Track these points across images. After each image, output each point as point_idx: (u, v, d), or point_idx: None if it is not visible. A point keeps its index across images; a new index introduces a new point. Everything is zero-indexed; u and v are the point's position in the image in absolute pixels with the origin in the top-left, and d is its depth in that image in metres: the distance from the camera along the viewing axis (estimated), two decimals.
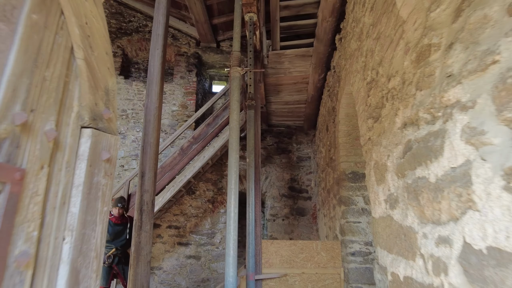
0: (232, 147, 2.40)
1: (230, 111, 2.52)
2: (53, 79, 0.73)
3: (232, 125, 2.43)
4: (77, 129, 0.82)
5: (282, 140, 8.16)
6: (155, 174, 4.45)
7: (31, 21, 0.65)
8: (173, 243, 7.21)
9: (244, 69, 2.75)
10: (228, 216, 2.22)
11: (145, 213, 4.22)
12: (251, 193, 3.28)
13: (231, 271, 2.11)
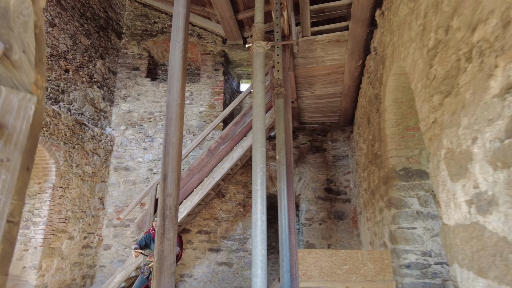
0: (256, 138, 1.94)
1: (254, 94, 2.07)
2: None
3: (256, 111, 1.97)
4: None
5: (316, 138, 7.59)
6: (179, 177, 4.09)
7: None
8: (204, 249, 6.87)
9: (269, 43, 2.29)
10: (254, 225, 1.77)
11: (168, 218, 3.86)
12: (283, 195, 2.80)
13: None
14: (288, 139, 3.18)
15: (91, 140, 6.78)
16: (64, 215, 5.97)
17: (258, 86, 2.02)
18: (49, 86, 6.01)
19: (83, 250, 6.43)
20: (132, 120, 7.85)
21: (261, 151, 1.90)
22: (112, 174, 7.42)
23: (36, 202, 5.74)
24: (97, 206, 6.93)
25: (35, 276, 5.34)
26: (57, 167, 5.81)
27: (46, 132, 5.53)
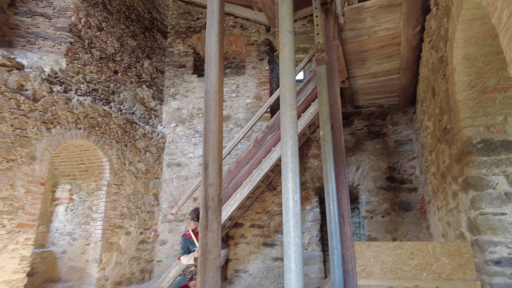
0: (285, 100, 1.58)
1: (280, 47, 1.70)
2: None
3: (284, 67, 1.61)
4: None
5: (373, 122, 6.91)
6: (220, 166, 3.86)
7: None
8: (258, 244, 6.63)
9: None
10: (285, 207, 1.41)
11: (211, 210, 3.65)
12: (329, 177, 2.39)
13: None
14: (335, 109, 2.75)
15: (142, 138, 6.93)
16: (120, 212, 6.14)
17: (286, 36, 1.65)
18: (100, 88, 6.23)
19: (140, 245, 6.58)
20: (182, 117, 7.90)
21: (291, 116, 1.55)
22: (165, 171, 7.53)
23: (94, 199, 5.98)
24: (151, 202, 7.07)
25: (96, 269, 5.54)
26: (110, 165, 5.99)
27: (98, 131, 5.72)
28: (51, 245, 6.10)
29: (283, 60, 1.65)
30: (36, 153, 4.62)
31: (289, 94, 1.55)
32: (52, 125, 4.88)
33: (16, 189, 4.35)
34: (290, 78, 1.60)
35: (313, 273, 6.08)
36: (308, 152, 6.83)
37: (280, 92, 1.66)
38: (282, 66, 1.66)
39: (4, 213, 4.19)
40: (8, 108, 4.30)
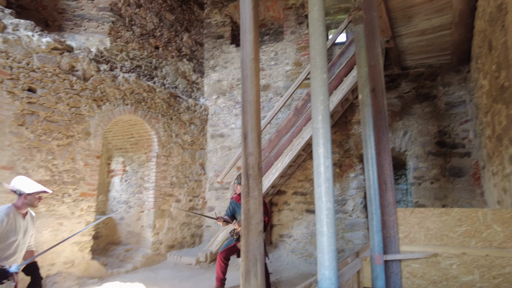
0: (315, 63, 1.52)
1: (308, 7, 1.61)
2: None
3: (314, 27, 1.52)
4: None
5: (422, 84, 6.47)
6: (259, 135, 3.90)
7: None
8: (301, 210, 6.73)
9: None
10: (316, 172, 1.41)
11: (251, 177, 3.75)
12: (369, 142, 2.32)
13: (326, 260, 1.32)
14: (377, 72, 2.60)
15: (186, 111, 7.16)
16: (169, 181, 6.53)
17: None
18: (143, 64, 6.46)
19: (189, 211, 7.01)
20: (222, 89, 8.00)
21: (321, 79, 1.49)
22: (209, 142, 7.79)
23: (145, 170, 6.40)
24: (198, 172, 7.41)
25: (151, 233, 6.04)
26: (158, 137, 6.31)
27: (144, 106, 6.00)
28: (110, 212, 6.72)
29: (312, 21, 1.57)
30: (90, 129, 4.99)
31: (319, 56, 1.48)
32: (102, 102, 5.21)
33: (76, 162, 4.78)
34: (319, 40, 1.53)
35: (358, 239, 6.09)
36: (352, 118, 6.62)
37: (310, 55, 1.60)
38: (312, 27, 1.58)
39: (69, 183, 4.66)
40: (63, 89, 4.65)
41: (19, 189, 2.98)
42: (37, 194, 3.05)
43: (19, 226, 2.98)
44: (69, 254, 4.58)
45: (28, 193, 2.98)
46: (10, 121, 4.05)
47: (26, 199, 2.99)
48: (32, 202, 3.04)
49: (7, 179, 3.98)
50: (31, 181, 3.15)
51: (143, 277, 5.08)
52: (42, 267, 4.24)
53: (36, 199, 3.06)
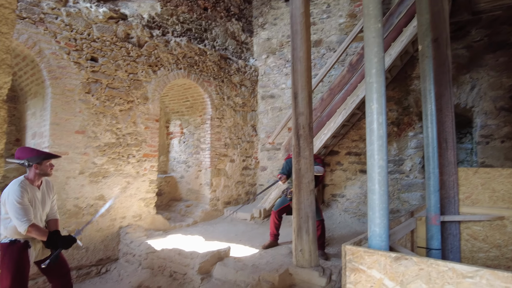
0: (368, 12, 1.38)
1: None
2: None
3: None
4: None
5: (497, 30, 5.67)
6: (310, 94, 3.81)
7: None
8: (355, 171, 6.62)
9: None
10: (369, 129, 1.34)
11: (302, 137, 3.74)
12: (428, 97, 2.13)
13: (376, 218, 1.30)
14: (440, 19, 2.33)
15: (237, 72, 7.17)
16: (223, 142, 6.77)
17: None
18: (193, 27, 6.50)
19: (243, 171, 7.27)
20: (272, 47, 7.81)
21: (375, 29, 1.37)
22: (260, 103, 7.80)
23: (201, 132, 6.68)
24: (250, 133, 7.54)
25: (209, 191, 6.42)
26: (211, 100, 6.47)
27: (196, 69, 6.13)
28: (171, 172, 7.23)
29: None
30: (148, 94, 5.27)
31: (372, 4, 1.35)
32: (157, 67, 5.42)
33: (138, 126, 5.14)
34: None
35: (414, 200, 5.88)
36: (412, 72, 6.11)
37: (363, 3, 1.47)
38: None
39: (132, 145, 5.06)
40: (121, 56, 4.90)
41: (27, 161, 2.76)
42: (47, 162, 2.85)
43: (36, 198, 2.83)
44: (137, 209, 5.08)
45: (38, 162, 2.78)
46: (78, 89, 4.42)
47: (38, 169, 2.79)
48: (45, 171, 2.84)
49: (80, 142, 4.44)
50: (36, 149, 2.98)
51: (202, 230, 5.50)
52: (115, 220, 4.79)
53: (47, 167, 2.86)
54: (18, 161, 2.78)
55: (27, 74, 4.46)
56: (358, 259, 1.31)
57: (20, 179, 2.76)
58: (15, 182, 2.73)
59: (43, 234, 2.68)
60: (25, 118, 4.87)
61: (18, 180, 2.75)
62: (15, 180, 2.75)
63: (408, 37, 5.14)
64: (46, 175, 2.86)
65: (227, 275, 3.74)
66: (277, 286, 3.24)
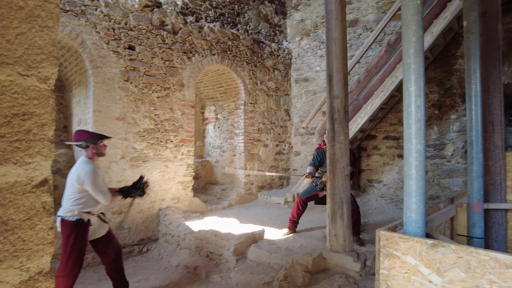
0: None
1: None
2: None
3: None
4: None
5: None
6: (345, 76, 3.70)
7: None
8: (393, 155, 6.40)
9: None
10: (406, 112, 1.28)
11: (337, 122, 3.66)
12: (473, 77, 1.99)
13: (412, 203, 1.26)
14: None
15: (270, 56, 7.11)
16: (257, 127, 6.80)
17: None
18: (226, 12, 6.49)
19: (276, 156, 7.29)
20: (306, 29, 7.62)
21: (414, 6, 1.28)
22: (293, 87, 7.71)
23: (235, 117, 6.75)
24: (283, 118, 7.50)
25: (243, 175, 6.53)
26: (244, 85, 6.49)
27: (230, 55, 6.15)
28: (207, 156, 7.41)
29: None
30: (184, 80, 5.38)
31: None
32: (191, 54, 5.50)
33: (175, 112, 5.29)
34: None
35: (456, 186, 5.60)
36: (456, 51, 5.72)
37: None
38: None
39: (170, 131, 5.23)
40: (157, 44, 5.02)
41: (84, 142, 2.98)
42: (101, 142, 3.07)
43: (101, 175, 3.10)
44: (175, 192, 5.29)
45: (94, 142, 3.00)
46: (118, 77, 4.62)
47: (94, 149, 3.01)
48: (100, 151, 3.07)
49: (121, 128, 4.66)
50: (90, 131, 3.25)
51: (237, 213, 5.63)
52: (154, 202, 5.03)
53: (102, 147, 3.08)
54: (77, 143, 3.01)
55: (72, 64, 4.72)
56: (392, 245, 1.29)
57: (85, 159, 2.98)
58: (86, 162, 2.95)
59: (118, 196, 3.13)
60: (71, 106, 5.18)
61: (85, 160, 2.97)
62: (82, 160, 2.97)
63: (453, 13, 4.80)
64: (101, 154, 3.08)
65: (261, 257, 3.83)
66: (310, 269, 3.27)
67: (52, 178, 0.90)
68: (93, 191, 2.88)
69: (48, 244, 0.88)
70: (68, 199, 2.92)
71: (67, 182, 2.96)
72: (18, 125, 0.82)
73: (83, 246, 2.92)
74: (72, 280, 2.86)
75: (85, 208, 2.93)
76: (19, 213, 0.82)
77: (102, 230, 3.13)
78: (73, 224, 2.88)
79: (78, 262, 2.89)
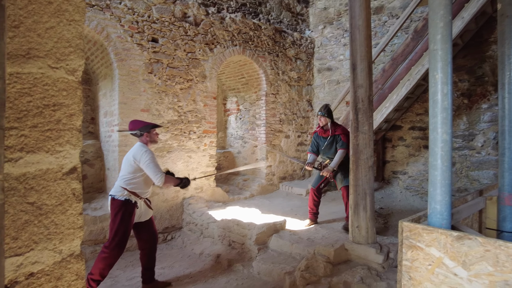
0: None
1: None
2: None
3: None
4: None
5: None
6: (370, 65, 3.61)
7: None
8: (418, 146, 6.22)
9: None
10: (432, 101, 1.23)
11: (360, 111, 3.59)
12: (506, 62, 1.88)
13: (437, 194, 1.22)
14: None
15: (292, 46, 7.02)
16: (278, 118, 6.77)
17: None
18: (247, 1, 6.44)
19: (298, 147, 7.25)
20: (329, 17, 7.46)
21: None
22: (316, 76, 7.60)
23: (256, 108, 6.75)
24: (306, 108, 7.43)
25: (264, 166, 6.55)
26: (266, 76, 6.46)
27: (251, 45, 6.12)
28: (229, 147, 7.48)
29: None
30: (206, 72, 5.43)
31: None
32: (213, 45, 5.52)
33: (197, 104, 5.35)
34: None
35: (486, 179, 5.38)
36: (490, 36, 5.43)
37: None
38: None
39: (193, 122, 5.31)
40: (179, 36, 5.08)
41: (139, 131, 3.20)
42: (154, 131, 3.29)
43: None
44: (198, 182, 5.39)
45: (147, 131, 3.22)
46: (142, 70, 4.71)
47: (148, 137, 3.23)
48: (154, 138, 3.29)
49: (146, 119, 4.77)
50: (144, 121, 3.43)
51: (259, 203, 5.67)
52: (179, 191, 5.15)
53: (154, 135, 3.30)
54: (132, 131, 3.23)
55: (98, 58, 4.86)
56: (415, 236, 1.26)
57: (141, 143, 3.20)
58: (142, 145, 3.17)
59: (175, 180, 3.26)
60: (98, 99, 5.35)
61: (141, 144, 3.19)
62: (138, 144, 3.18)
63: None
64: (153, 142, 3.30)
65: (283, 247, 3.85)
66: (332, 260, 3.26)
67: (80, 166, 0.94)
68: (148, 168, 3.04)
69: (78, 229, 0.93)
70: (121, 179, 3.12)
71: (123, 163, 3.19)
72: (49, 116, 0.86)
73: (128, 227, 3.08)
74: (112, 260, 3.02)
75: (135, 189, 3.10)
76: (51, 198, 0.86)
77: (146, 215, 3.29)
78: (122, 203, 3.05)
79: (122, 242, 3.04)
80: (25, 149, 0.81)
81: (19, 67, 0.80)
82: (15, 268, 0.80)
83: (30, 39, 0.82)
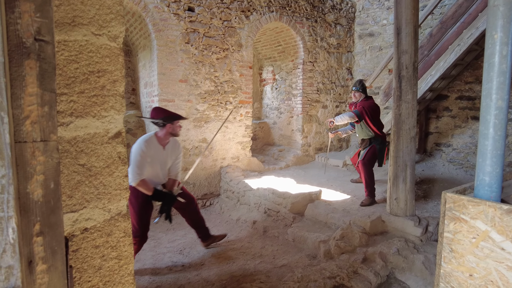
0: None
1: None
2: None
3: None
4: None
5: None
6: (416, 29, 3.36)
7: None
8: (465, 117, 5.83)
9: None
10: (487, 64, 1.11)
11: (404, 79, 3.39)
12: None
13: (487, 165, 1.14)
14: None
15: (331, 10, 6.68)
16: (316, 87, 6.60)
17: None
18: None
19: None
20: None
21: None
22: (357, 43, 7.22)
23: (293, 78, 6.61)
24: (345, 77, 7.16)
25: (300, 136, 6.50)
26: (303, 43, 6.25)
27: (289, 11, 5.90)
28: (264, 118, 7.47)
29: None
30: (242, 40, 5.35)
31: None
32: (249, 12, 5.39)
33: (233, 74, 5.34)
34: None
35: None
36: None
37: None
38: None
39: (229, 93, 5.33)
40: (215, 4, 5.00)
41: (161, 121, 2.97)
42: (177, 122, 3.04)
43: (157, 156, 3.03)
44: (235, 151, 5.49)
45: (170, 122, 2.98)
46: (179, 40, 4.74)
47: (171, 128, 3.00)
48: (176, 131, 3.05)
49: (184, 90, 4.86)
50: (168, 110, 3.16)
51: (294, 173, 5.69)
52: (216, 160, 5.29)
53: (177, 127, 3.05)
54: (154, 120, 3.00)
55: (136, 29, 4.94)
56: (459, 208, 1.21)
57: (150, 135, 3.02)
58: (144, 137, 3.00)
59: (148, 190, 2.94)
60: (138, 70, 5.50)
61: (148, 135, 3.01)
62: (145, 135, 3.03)
63: None
64: (175, 135, 3.08)
65: (318, 217, 3.88)
66: (368, 231, 3.24)
67: (124, 131, 0.99)
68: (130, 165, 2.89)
69: (124, 190, 0.99)
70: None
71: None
72: (94, 82, 0.90)
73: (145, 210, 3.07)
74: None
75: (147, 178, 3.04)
76: (99, 161, 0.92)
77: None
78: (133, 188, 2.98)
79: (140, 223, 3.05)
80: (75, 114, 0.86)
81: (66, 35, 0.83)
82: (72, 223, 0.87)
83: (75, 7, 0.85)
